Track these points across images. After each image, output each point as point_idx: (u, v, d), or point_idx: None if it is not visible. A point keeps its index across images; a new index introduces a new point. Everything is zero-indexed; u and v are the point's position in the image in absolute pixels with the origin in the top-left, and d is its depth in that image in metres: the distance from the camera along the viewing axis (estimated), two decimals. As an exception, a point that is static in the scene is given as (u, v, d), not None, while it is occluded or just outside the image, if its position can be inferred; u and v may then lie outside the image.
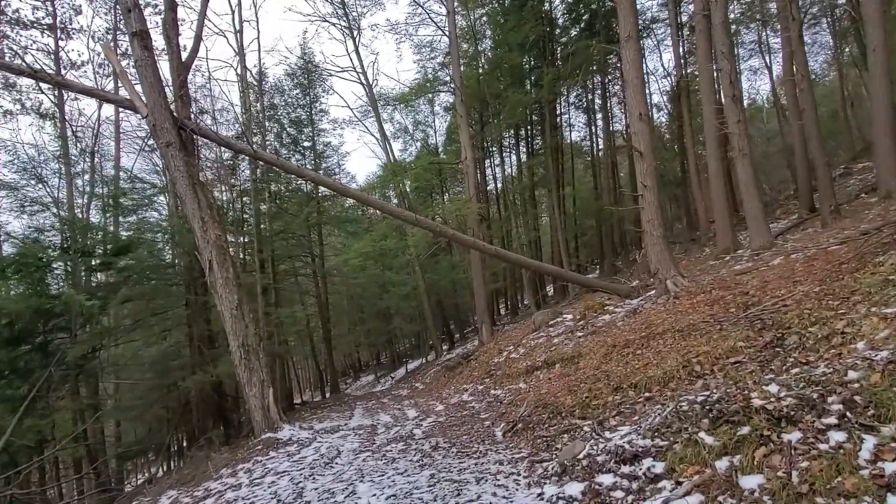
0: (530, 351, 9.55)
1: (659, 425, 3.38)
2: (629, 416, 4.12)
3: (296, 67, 23.62)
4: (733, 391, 3.24)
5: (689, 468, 2.78)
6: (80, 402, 9.87)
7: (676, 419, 3.28)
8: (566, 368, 7.02)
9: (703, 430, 3.00)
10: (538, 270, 10.69)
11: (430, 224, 8.79)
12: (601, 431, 3.99)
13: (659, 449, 3.13)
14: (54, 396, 8.83)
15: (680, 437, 3.08)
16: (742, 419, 2.87)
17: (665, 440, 3.18)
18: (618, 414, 4.25)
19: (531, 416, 5.63)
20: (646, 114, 7.84)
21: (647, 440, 3.31)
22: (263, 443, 6.94)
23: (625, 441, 3.50)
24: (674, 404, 3.51)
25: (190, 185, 7.51)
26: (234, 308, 7.40)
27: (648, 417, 3.75)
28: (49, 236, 10.41)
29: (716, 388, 3.51)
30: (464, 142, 15.80)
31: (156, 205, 13.90)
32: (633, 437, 3.49)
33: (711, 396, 3.30)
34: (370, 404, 14.51)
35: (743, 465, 2.60)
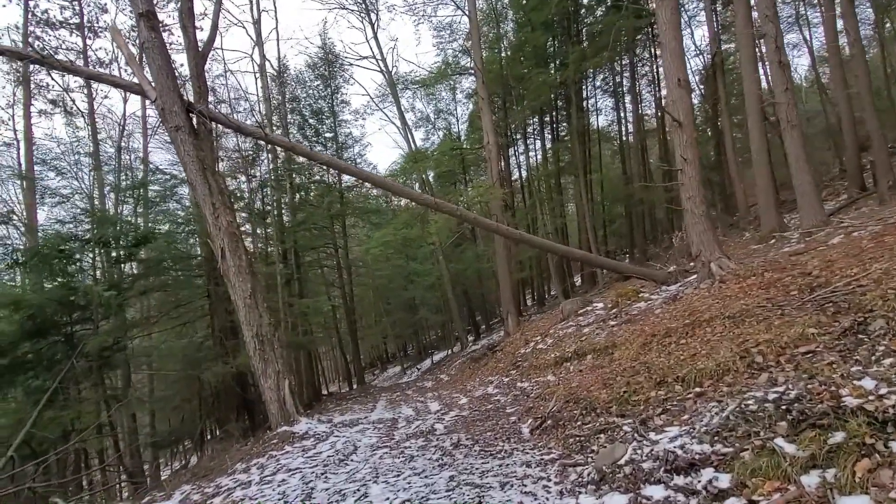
0: (559, 341, 8.99)
1: (719, 427, 2.82)
2: (677, 414, 3.56)
3: (316, 58, 23.46)
4: (815, 387, 2.65)
5: (765, 484, 2.23)
6: (104, 393, 9.87)
7: (742, 421, 2.72)
8: (599, 360, 6.45)
9: (780, 436, 2.44)
10: (566, 256, 10.08)
11: (450, 208, 8.31)
12: (645, 432, 3.44)
13: (721, 457, 2.58)
14: (75, 388, 8.81)
15: (749, 443, 2.52)
16: (833, 423, 2.29)
17: (729, 446, 2.62)
18: (663, 412, 3.69)
19: (561, 412, 5.11)
20: (685, 79, 7.10)
21: (705, 445, 2.76)
22: (279, 436, 6.66)
23: (675, 445, 2.95)
24: (737, 402, 2.94)
25: (200, 171, 7.24)
26: (247, 297, 7.12)
27: (703, 417, 3.19)
28: (71, 228, 10.40)
29: (789, 384, 2.92)
30: (486, 125, 15.17)
31: (179, 196, 13.85)
32: (686, 441, 2.95)
33: (787, 394, 2.72)
34: (394, 396, 14.23)
35: (840, 481, 2.04)
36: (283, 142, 7.80)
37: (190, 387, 13.69)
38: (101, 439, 9.40)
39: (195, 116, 7.67)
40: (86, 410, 8.33)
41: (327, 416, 8.48)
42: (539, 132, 25.49)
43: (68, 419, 8.20)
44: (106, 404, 10.01)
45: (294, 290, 17.24)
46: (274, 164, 15.93)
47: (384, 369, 35.30)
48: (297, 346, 15.38)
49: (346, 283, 22.49)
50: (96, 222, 10.22)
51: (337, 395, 20.30)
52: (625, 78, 25.15)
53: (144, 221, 13.87)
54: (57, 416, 8.18)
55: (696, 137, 7.21)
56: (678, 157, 7.04)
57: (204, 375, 10.51)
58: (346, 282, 22.63)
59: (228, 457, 7.45)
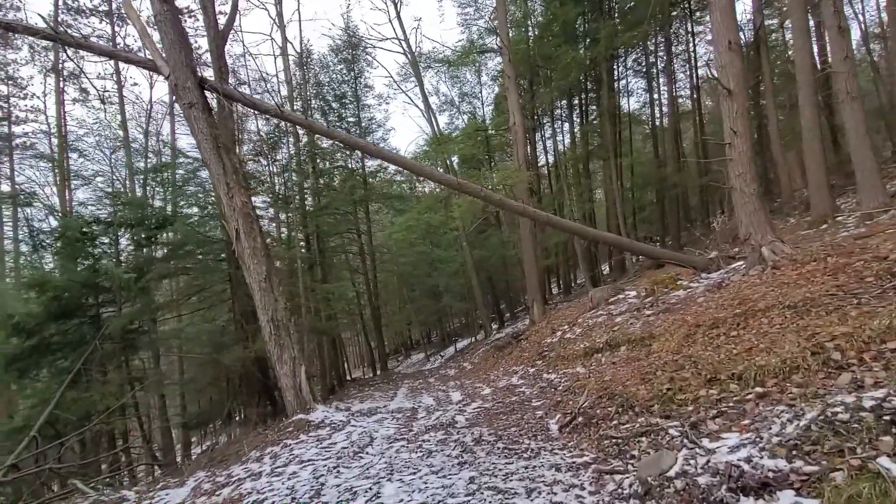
0: (588, 331, 8.47)
1: (797, 439, 2.31)
2: (736, 418, 3.05)
3: (339, 41, 23.13)
4: (928, 394, 2.11)
5: (873, 518, 1.73)
6: (127, 375, 9.91)
7: (829, 432, 2.21)
8: (635, 351, 5.93)
9: (884, 454, 1.93)
10: (597, 240, 9.50)
11: (473, 189, 7.83)
12: (697, 438, 2.96)
13: (804, 478, 2.09)
14: (100, 370, 8.84)
15: (842, 462, 2.02)
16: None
17: (813, 463, 2.13)
18: (718, 415, 3.18)
19: (594, 408, 4.65)
20: (736, 42, 6.36)
21: (780, 461, 2.26)
22: (294, 424, 6.43)
23: (740, 458, 2.46)
24: (818, 409, 2.42)
25: (214, 149, 6.97)
26: (262, 280, 6.87)
27: (771, 424, 2.68)
28: (95, 210, 10.41)
29: (891, 389, 2.37)
30: (512, 105, 14.52)
31: (201, 179, 13.80)
32: (753, 454, 2.46)
33: (889, 401, 2.19)
34: (416, 384, 13.99)
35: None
36: (299, 119, 7.48)
37: (216, 370, 13.79)
38: (124, 421, 9.44)
39: (211, 93, 7.40)
40: (108, 392, 8.31)
41: (345, 404, 8.25)
42: (567, 115, 24.55)
43: (91, 401, 8.20)
44: (130, 386, 10.05)
45: (317, 276, 17.15)
46: (296, 148, 15.71)
47: (408, 356, 35.35)
48: (320, 332, 15.29)
49: (369, 269, 22.33)
50: (122, 204, 10.17)
51: (360, 381, 20.27)
52: (659, 58, 23.91)
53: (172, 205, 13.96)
54: (80, 398, 8.20)
55: (747, 108, 6.48)
56: (726, 130, 6.35)
57: (224, 360, 10.43)
58: (370, 268, 22.47)
59: (246, 443, 7.30)
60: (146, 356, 16.32)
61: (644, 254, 8.43)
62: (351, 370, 32.03)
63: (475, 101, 27.23)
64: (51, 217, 11.34)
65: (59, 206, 14.00)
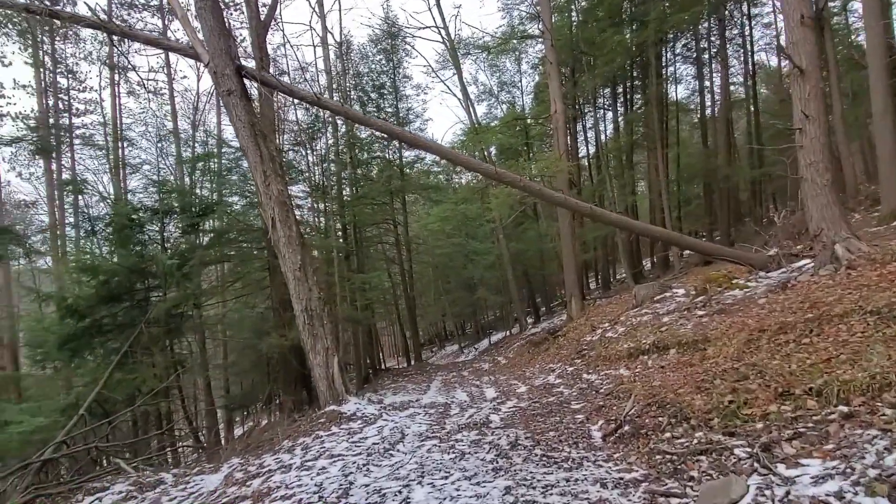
0: (632, 330, 8.00)
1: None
2: (817, 442, 2.65)
3: (378, 31, 23.06)
4: None
5: None
6: (172, 357, 10.23)
7: (952, 472, 1.81)
8: (686, 355, 5.48)
9: None
10: (643, 234, 8.96)
11: (512, 178, 7.49)
12: (770, 463, 2.58)
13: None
14: (146, 352, 9.14)
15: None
16: None
17: (931, 510, 1.74)
18: (795, 436, 2.78)
19: (642, 417, 4.29)
20: (809, 16, 5.70)
21: (882, 500, 1.88)
22: (327, 416, 6.37)
23: (828, 491, 2.10)
24: (934, 441, 2.01)
25: (252, 137, 6.96)
26: (296, 269, 6.82)
27: (863, 452, 2.29)
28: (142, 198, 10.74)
29: None
30: (553, 92, 13.96)
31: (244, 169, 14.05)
32: (844, 487, 2.09)
33: None
34: (449, 376, 13.85)
35: None
36: (335, 106, 7.36)
37: (257, 354, 14.16)
38: (168, 402, 9.76)
39: (250, 81, 7.38)
40: (153, 374, 8.59)
41: (378, 396, 8.17)
42: (611, 103, 23.59)
43: (137, 382, 8.49)
44: (175, 369, 10.36)
45: (353, 265, 17.27)
46: (335, 138, 15.76)
47: (442, 346, 35.42)
48: (355, 322, 15.38)
49: (405, 259, 22.34)
50: (167, 192, 10.44)
51: (394, 371, 20.39)
52: (711, 43, 22.58)
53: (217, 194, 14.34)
54: (125, 379, 8.48)
55: (821, 88, 5.82)
56: (796, 113, 5.73)
57: (262, 347, 10.61)
58: (406, 258, 22.48)
59: (280, 431, 7.34)
60: (193, 339, 17.02)
61: (695, 249, 7.86)
62: (385, 359, 32.44)
63: (514, 91, 26.60)
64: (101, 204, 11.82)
65: (113, 194, 14.68)
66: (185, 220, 10.26)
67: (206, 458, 8.00)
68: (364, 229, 20.18)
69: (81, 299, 9.41)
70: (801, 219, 8.04)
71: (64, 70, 18.50)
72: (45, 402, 9.45)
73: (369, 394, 8.55)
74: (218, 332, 16.70)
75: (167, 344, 10.30)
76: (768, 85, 30.40)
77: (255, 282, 12.30)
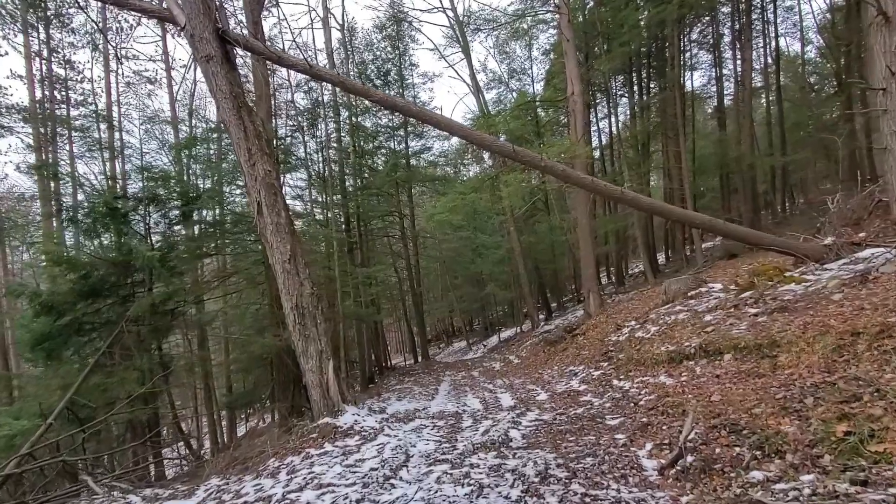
0: (668, 330, 7.05)
1: None
2: None
3: (384, 18, 22.18)
4: None
5: None
6: (159, 359, 9.43)
7: None
8: (749, 363, 4.54)
9: None
10: (682, 220, 8.00)
11: (532, 157, 6.56)
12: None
13: None
14: (122, 353, 8.34)
15: None
16: None
17: None
18: None
19: (710, 445, 3.37)
20: (899, -46, 4.71)
21: None
22: (319, 430, 5.51)
23: None
24: None
25: (234, 109, 6.08)
26: (286, 260, 5.95)
27: None
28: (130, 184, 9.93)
29: None
30: (570, 72, 12.95)
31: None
32: None
33: None
34: (458, 376, 12.98)
35: None
36: (330, 75, 6.47)
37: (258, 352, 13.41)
38: (156, 408, 8.96)
39: (234, 48, 6.49)
40: (131, 378, 7.78)
41: (380, 404, 7.30)
42: (627, 90, 22.52)
43: (114, 386, 7.69)
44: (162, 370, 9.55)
45: (357, 260, 16.43)
46: (336, 124, 14.87)
47: (450, 343, 34.67)
48: (359, 318, 14.55)
49: (411, 253, 21.48)
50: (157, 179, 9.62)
51: (400, 370, 19.57)
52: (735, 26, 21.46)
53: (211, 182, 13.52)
54: (102, 383, 7.68)
55: None
56: (879, 70, 4.74)
57: (255, 347, 9.80)
58: (412, 253, 21.62)
59: (270, 443, 6.51)
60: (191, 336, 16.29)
61: (742, 238, 6.89)
62: (392, 357, 31.71)
63: (524, 79, 25.59)
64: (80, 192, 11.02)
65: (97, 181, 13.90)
66: (170, 208, 9.45)
67: (189, 472, 7.20)
68: (369, 222, 19.35)
69: (57, 295, 8.61)
70: (862, 202, 7.04)
71: (61, 60, 17.72)
72: (28, 403, 8.72)
73: (371, 400, 7.69)
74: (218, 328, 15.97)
75: (154, 344, 9.49)
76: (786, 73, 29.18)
77: (251, 277, 11.46)
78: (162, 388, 9.27)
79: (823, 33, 22.70)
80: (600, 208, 22.17)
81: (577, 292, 27.07)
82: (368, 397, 10.63)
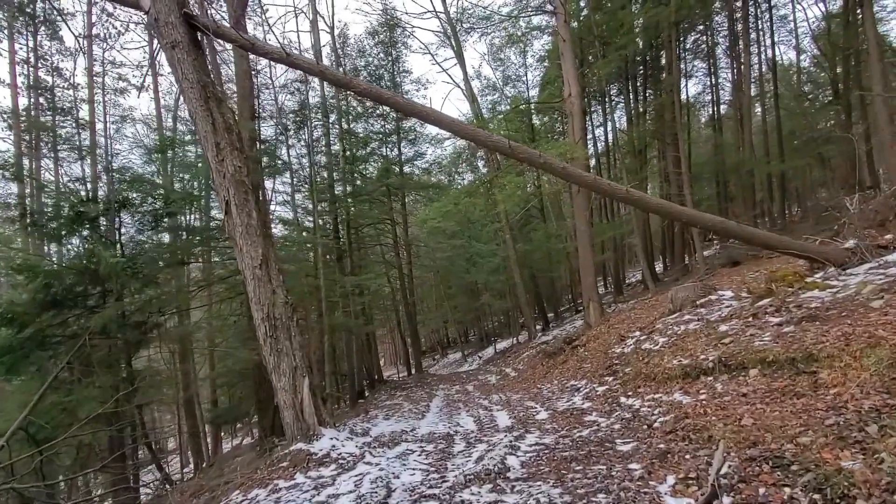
0: (678, 341, 6.47)
1: None
2: None
3: (377, 25, 21.86)
4: None
5: None
6: (129, 375, 8.73)
7: None
8: (781, 379, 3.96)
9: None
10: (692, 222, 7.48)
11: (530, 154, 6.03)
12: None
13: None
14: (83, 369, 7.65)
15: None
16: None
17: None
18: None
19: (749, 482, 2.77)
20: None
21: None
22: (291, 458, 4.85)
23: None
24: None
25: (202, 100, 5.51)
26: (256, 266, 5.34)
27: None
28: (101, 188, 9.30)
29: None
30: (567, 73, 12.54)
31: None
32: None
33: None
34: (452, 391, 12.31)
35: None
36: (308, 64, 5.93)
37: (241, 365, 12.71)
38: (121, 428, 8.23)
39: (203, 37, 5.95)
40: (90, 396, 7.09)
41: (364, 424, 6.65)
42: (624, 96, 22.27)
43: (72, 405, 7.00)
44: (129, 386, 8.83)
45: (346, 268, 15.81)
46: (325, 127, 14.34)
47: (444, 354, 33.96)
48: (348, 330, 13.87)
49: (404, 262, 20.86)
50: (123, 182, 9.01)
51: (392, 383, 18.84)
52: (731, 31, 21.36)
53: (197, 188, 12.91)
54: (60, 402, 6.99)
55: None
56: None
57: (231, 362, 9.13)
58: (405, 261, 21.00)
59: (240, 471, 5.85)
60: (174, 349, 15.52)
61: (758, 241, 6.35)
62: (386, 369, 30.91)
63: (519, 85, 25.30)
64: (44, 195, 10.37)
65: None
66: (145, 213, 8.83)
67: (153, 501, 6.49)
68: (360, 229, 18.76)
69: (17, 305, 7.94)
70: (887, 203, 6.54)
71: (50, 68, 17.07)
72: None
73: (355, 419, 7.04)
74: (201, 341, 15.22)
75: (123, 359, 8.79)
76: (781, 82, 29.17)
77: (233, 285, 10.80)
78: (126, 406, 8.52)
79: (819, 41, 22.59)
80: (597, 216, 21.75)
81: (574, 302, 26.53)
82: (356, 415, 9.95)
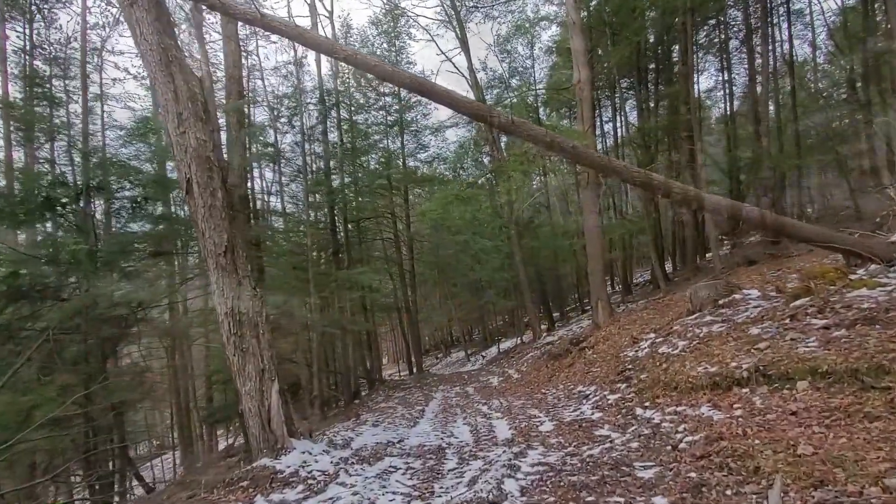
0: (702, 345, 5.71)
1: None
2: None
3: (380, 13, 21.23)
4: None
5: None
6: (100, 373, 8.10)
7: None
8: (843, 396, 3.22)
9: None
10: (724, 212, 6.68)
11: (536, 131, 5.32)
12: None
13: None
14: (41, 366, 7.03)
15: None
16: None
17: None
18: None
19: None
20: None
21: None
22: (253, 477, 4.16)
23: None
24: None
25: (162, 64, 4.83)
26: (220, 254, 4.66)
27: None
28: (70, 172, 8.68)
29: None
30: (577, 58, 11.79)
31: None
32: None
33: None
34: (451, 394, 11.61)
35: None
36: (285, 26, 5.24)
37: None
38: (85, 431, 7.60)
39: None
40: (48, 396, 6.45)
41: (346, 434, 5.95)
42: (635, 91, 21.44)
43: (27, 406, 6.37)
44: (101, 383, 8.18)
45: (343, 263, 15.15)
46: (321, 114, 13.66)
47: (448, 353, 33.30)
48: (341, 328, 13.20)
49: (405, 259, 20.18)
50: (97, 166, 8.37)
51: (390, 383, 18.17)
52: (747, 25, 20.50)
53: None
54: (16, 401, 6.36)
55: None
56: None
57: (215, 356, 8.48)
58: (407, 258, 20.32)
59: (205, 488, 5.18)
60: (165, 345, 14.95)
61: (800, 235, 5.60)
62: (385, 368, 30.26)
63: (527, 78, 24.56)
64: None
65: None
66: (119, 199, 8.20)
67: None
68: (359, 223, 18.10)
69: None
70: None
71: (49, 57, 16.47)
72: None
73: (339, 426, 6.36)
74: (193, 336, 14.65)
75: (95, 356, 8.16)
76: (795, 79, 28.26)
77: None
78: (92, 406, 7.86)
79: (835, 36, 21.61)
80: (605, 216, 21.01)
81: (580, 301, 25.72)
82: (347, 418, 9.27)
